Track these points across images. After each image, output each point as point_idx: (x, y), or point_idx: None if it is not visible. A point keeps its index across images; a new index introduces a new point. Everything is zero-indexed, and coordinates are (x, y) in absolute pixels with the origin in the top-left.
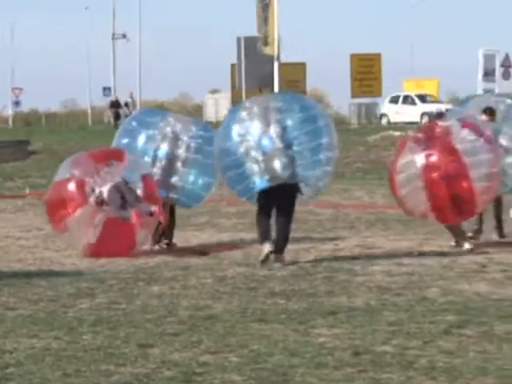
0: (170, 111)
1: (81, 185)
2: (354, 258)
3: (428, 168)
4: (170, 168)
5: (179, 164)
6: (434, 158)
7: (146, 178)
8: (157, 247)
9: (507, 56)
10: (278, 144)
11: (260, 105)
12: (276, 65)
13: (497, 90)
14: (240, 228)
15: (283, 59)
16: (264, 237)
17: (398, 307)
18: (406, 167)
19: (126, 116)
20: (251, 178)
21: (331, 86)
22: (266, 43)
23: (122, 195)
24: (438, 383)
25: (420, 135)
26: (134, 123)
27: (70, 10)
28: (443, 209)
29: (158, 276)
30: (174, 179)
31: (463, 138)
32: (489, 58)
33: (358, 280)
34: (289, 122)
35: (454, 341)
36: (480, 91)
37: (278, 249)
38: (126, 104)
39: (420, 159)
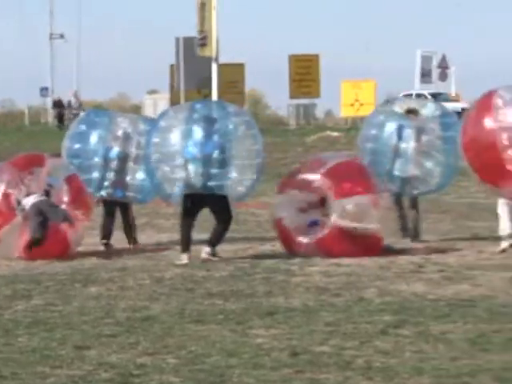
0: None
1: (6, 197)
2: (291, 258)
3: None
4: (122, 167)
5: (131, 163)
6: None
7: (70, 180)
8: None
9: (444, 57)
10: (199, 152)
11: (185, 112)
12: (214, 66)
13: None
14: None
15: (222, 60)
16: (183, 247)
17: (335, 308)
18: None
19: (75, 115)
20: (164, 184)
21: (270, 86)
22: (203, 44)
23: (43, 214)
24: (375, 383)
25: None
26: (82, 126)
27: (5, 9)
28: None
29: (96, 277)
30: (128, 178)
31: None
32: (426, 60)
33: (295, 280)
34: (214, 130)
35: (391, 341)
36: (414, 93)
37: (211, 244)
38: (69, 104)
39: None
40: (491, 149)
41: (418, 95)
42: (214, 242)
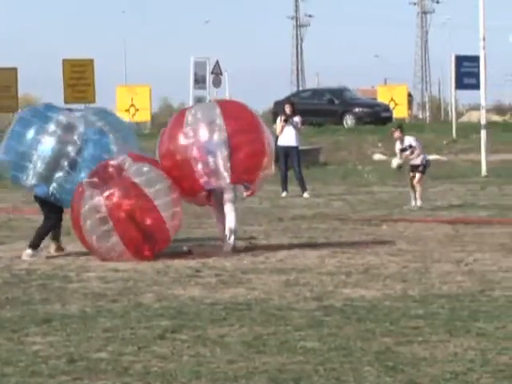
0: None
1: None
2: (69, 265)
3: (113, 209)
4: None
5: None
6: (115, 198)
7: None
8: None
9: (217, 63)
10: None
11: None
12: None
13: (208, 97)
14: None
15: None
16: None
17: (113, 313)
18: (90, 213)
19: None
20: None
21: (44, 90)
22: None
23: None
24: None
25: (95, 179)
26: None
27: None
28: (137, 245)
29: None
30: None
31: (137, 171)
32: (199, 65)
33: (72, 287)
34: None
35: (169, 345)
36: (191, 98)
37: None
38: None
39: (102, 202)
40: (184, 163)
41: None
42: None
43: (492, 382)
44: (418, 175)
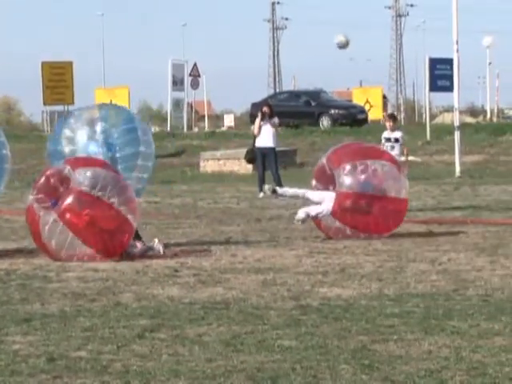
0: None
1: None
2: (48, 265)
3: (70, 223)
4: None
5: None
6: (69, 213)
7: None
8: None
9: (195, 65)
10: (102, 150)
11: (87, 114)
12: None
13: (186, 99)
14: None
15: None
16: None
17: (92, 313)
18: (51, 234)
19: None
20: None
21: (23, 92)
22: None
23: None
24: None
25: (41, 197)
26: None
27: None
28: (106, 245)
29: None
30: None
31: (80, 178)
32: (177, 68)
33: (52, 287)
34: (112, 131)
35: (148, 344)
36: (170, 100)
37: None
38: None
39: (57, 220)
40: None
41: None
42: None
43: (466, 379)
44: None
